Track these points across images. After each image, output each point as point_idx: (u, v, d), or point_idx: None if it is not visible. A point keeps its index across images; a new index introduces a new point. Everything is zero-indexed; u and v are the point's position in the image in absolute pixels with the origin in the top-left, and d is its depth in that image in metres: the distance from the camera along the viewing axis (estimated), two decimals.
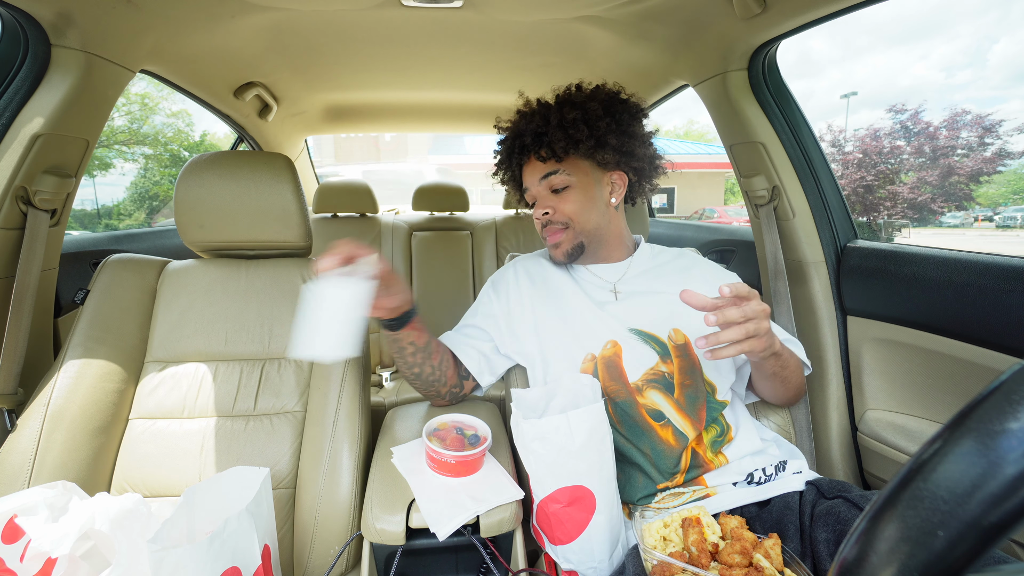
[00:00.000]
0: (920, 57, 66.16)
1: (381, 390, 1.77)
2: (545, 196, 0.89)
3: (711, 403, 0.79)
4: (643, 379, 0.80)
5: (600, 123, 0.85)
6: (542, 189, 0.89)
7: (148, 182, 9.02)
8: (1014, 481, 0.20)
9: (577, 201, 0.87)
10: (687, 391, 0.79)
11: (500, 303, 0.94)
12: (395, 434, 0.92)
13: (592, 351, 0.83)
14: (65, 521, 0.63)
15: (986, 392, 0.23)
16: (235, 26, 1.14)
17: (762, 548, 0.59)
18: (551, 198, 0.88)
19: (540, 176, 0.88)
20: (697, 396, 0.79)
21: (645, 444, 0.77)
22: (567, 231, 0.88)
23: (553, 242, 0.90)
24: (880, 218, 10.91)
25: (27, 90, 0.91)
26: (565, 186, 0.87)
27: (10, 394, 0.88)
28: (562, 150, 0.85)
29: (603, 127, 0.85)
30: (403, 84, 1.69)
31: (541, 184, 0.89)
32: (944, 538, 0.22)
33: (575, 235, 0.88)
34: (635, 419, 0.78)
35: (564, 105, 0.87)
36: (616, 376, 0.81)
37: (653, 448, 0.77)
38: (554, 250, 0.90)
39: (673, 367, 0.81)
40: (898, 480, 0.25)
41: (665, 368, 0.81)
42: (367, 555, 0.75)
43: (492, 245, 2.12)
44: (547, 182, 0.88)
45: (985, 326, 0.87)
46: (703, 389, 0.80)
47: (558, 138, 0.84)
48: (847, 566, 0.25)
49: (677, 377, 0.80)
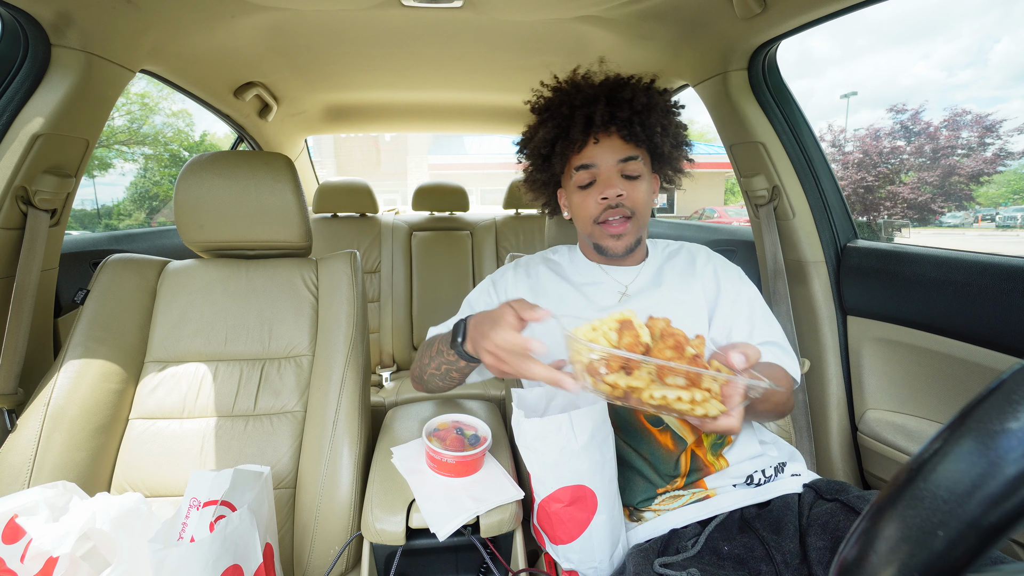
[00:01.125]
0: (922, 56, 66.18)
1: (381, 390, 1.78)
2: (617, 178, 0.81)
3: None
4: None
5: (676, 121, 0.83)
6: (615, 171, 0.81)
7: (148, 182, 9.02)
8: (1014, 481, 0.20)
9: (646, 193, 0.83)
10: None
11: (497, 302, 0.93)
12: (395, 434, 0.92)
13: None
14: (65, 521, 0.63)
15: (986, 392, 0.23)
16: (235, 26, 1.14)
17: (691, 344, 0.55)
18: (624, 183, 0.81)
19: (620, 157, 0.80)
20: None
21: (644, 448, 0.77)
22: (632, 222, 0.82)
23: (615, 232, 0.82)
24: (880, 218, 10.91)
25: (27, 90, 0.91)
26: (638, 175, 0.81)
27: (10, 394, 0.88)
28: (648, 137, 0.79)
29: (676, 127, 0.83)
30: (403, 84, 1.69)
31: (617, 165, 0.81)
32: (944, 538, 0.22)
33: (638, 228, 0.83)
34: (633, 424, 0.78)
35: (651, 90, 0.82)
36: None
37: (652, 452, 0.77)
38: (615, 241, 0.82)
39: None
40: (898, 480, 0.25)
41: None
42: (367, 555, 0.75)
43: (492, 245, 2.12)
44: (624, 166, 0.80)
45: (985, 326, 0.87)
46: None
47: (653, 123, 0.79)
48: (847, 566, 0.25)
49: None
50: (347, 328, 0.95)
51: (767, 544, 0.67)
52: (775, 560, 0.65)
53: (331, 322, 0.96)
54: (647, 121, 0.79)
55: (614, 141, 0.81)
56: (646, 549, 0.66)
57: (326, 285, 0.99)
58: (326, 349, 0.94)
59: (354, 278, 0.99)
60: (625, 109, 0.79)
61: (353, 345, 0.94)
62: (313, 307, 0.99)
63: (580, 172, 0.83)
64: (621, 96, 0.80)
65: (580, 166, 0.82)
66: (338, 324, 0.95)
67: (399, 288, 2.04)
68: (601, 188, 0.81)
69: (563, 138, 0.82)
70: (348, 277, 0.99)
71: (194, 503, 0.65)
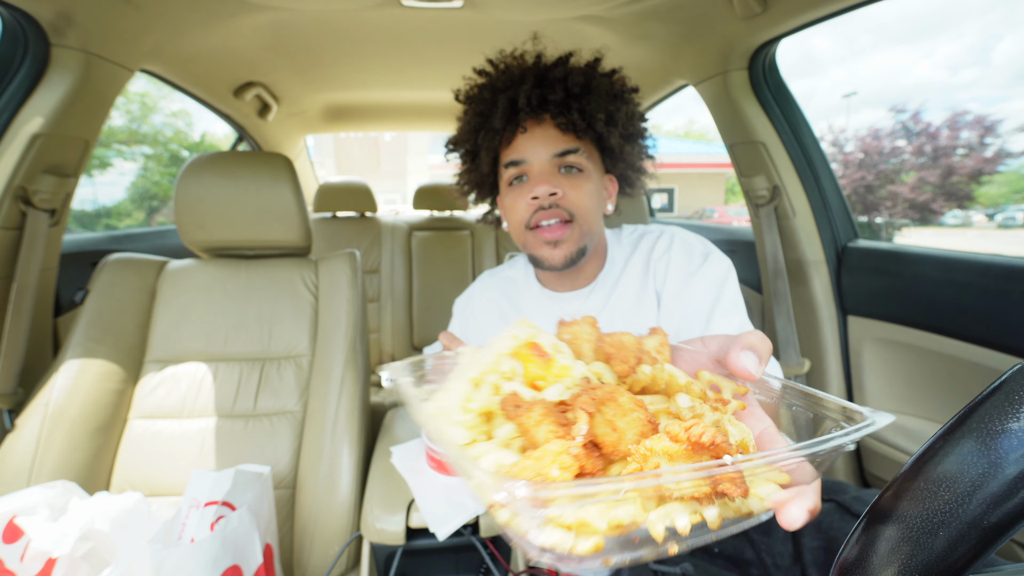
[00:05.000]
0: (924, 55, 66.16)
1: (381, 390, 1.77)
2: (552, 174, 0.67)
3: None
4: None
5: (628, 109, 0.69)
6: (549, 165, 0.68)
7: (148, 182, 9.02)
8: (1015, 481, 0.20)
9: (590, 193, 0.68)
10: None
11: (462, 327, 0.88)
12: (395, 434, 0.92)
13: None
14: (65, 521, 0.62)
15: (986, 392, 0.23)
16: (235, 26, 1.14)
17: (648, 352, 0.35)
18: (559, 179, 0.67)
19: (555, 150, 0.67)
20: None
21: None
22: (572, 226, 0.68)
23: (552, 238, 0.67)
24: (880, 218, 10.91)
25: (27, 90, 0.91)
26: (580, 169, 0.68)
27: (10, 394, 0.88)
28: (587, 126, 0.66)
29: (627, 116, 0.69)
30: (403, 84, 1.69)
31: (552, 159, 0.67)
32: (945, 538, 0.22)
33: (581, 235, 0.69)
34: None
35: (593, 71, 0.68)
36: None
37: None
38: (551, 250, 0.68)
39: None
40: (898, 480, 0.24)
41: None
42: (367, 555, 0.75)
43: (492, 245, 2.12)
44: (561, 160, 0.68)
45: (985, 326, 0.87)
46: None
47: (595, 109, 0.65)
48: (847, 566, 0.25)
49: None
50: (347, 328, 0.95)
51: (756, 546, 0.67)
52: (765, 562, 0.65)
53: (331, 322, 0.96)
54: (586, 107, 0.65)
55: (547, 130, 0.68)
56: None
57: (326, 285, 0.99)
58: (326, 349, 0.94)
59: (354, 278, 0.99)
60: (558, 91, 0.65)
61: (353, 345, 0.94)
62: (313, 307, 0.99)
63: (509, 168, 0.70)
64: (553, 76, 0.66)
65: (509, 162, 0.70)
66: (338, 324, 0.95)
67: (399, 288, 2.04)
68: (531, 186, 0.67)
69: (486, 128, 0.69)
70: (348, 277, 0.99)
71: (194, 503, 0.65)
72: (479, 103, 0.71)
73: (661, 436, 0.25)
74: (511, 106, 0.67)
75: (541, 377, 0.32)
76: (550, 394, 0.30)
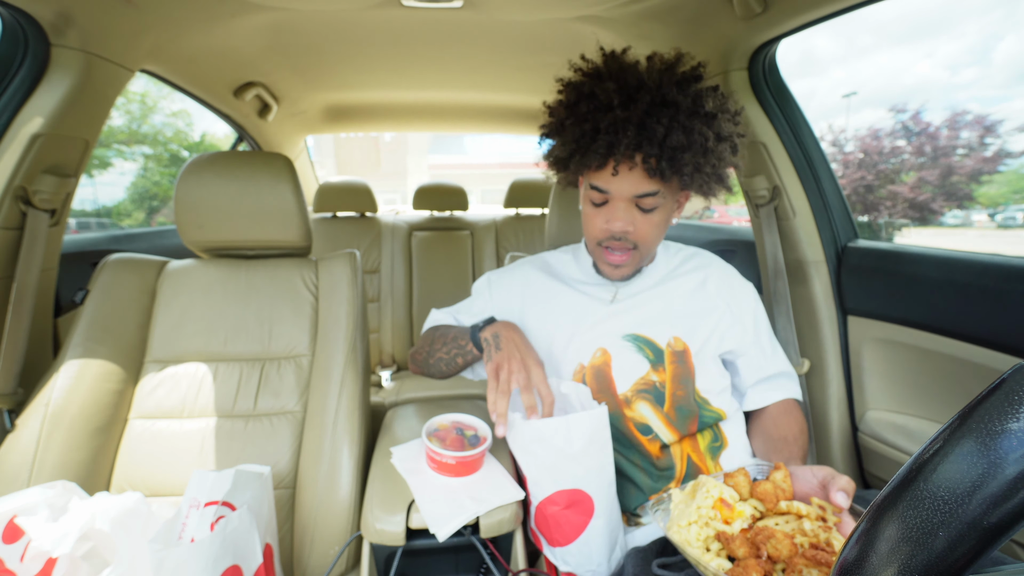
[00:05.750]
0: (924, 55, 66.13)
1: (381, 390, 1.78)
2: (628, 210, 0.74)
3: (703, 416, 0.78)
4: (633, 390, 0.79)
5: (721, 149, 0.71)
6: (628, 203, 0.73)
7: (148, 182, 9.02)
8: (1015, 481, 0.20)
9: (659, 225, 0.76)
10: (678, 403, 0.77)
11: (492, 305, 0.92)
12: (395, 434, 0.92)
13: (581, 361, 0.81)
14: (65, 521, 0.62)
15: (986, 392, 0.23)
16: (235, 26, 1.14)
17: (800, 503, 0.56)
18: (635, 215, 0.74)
19: (638, 191, 0.71)
20: (688, 409, 0.77)
21: (635, 456, 0.77)
22: (634, 253, 0.77)
23: (615, 262, 0.78)
24: (880, 218, 10.90)
25: (27, 90, 0.91)
26: (654, 208, 0.74)
27: (10, 394, 0.88)
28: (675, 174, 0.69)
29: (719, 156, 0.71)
30: (403, 84, 1.69)
31: (633, 199, 0.73)
32: (945, 538, 0.22)
33: (640, 259, 0.79)
34: (623, 432, 0.78)
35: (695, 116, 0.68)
36: (605, 387, 0.79)
37: (643, 459, 0.77)
38: (612, 269, 0.80)
39: (666, 375, 0.79)
40: (898, 480, 0.25)
41: (656, 377, 0.78)
42: (367, 555, 0.75)
43: (492, 245, 2.12)
44: (641, 200, 0.73)
45: (985, 326, 0.87)
46: (694, 401, 0.78)
47: (687, 163, 0.68)
48: (848, 566, 0.25)
49: (669, 387, 0.78)
50: (347, 328, 0.95)
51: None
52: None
53: (331, 322, 0.96)
54: (678, 162, 0.68)
55: (636, 173, 0.71)
56: (645, 550, 0.66)
57: (326, 285, 0.99)
58: (326, 349, 0.94)
59: (354, 278, 0.99)
60: (655, 142, 0.67)
61: (353, 345, 0.94)
62: (313, 307, 0.99)
63: (592, 191, 0.76)
64: (656, 123, 0.66)
65: (593, 186, 0.75)
66: (338, 324, 0.95)
67: (399, 288, 2.04)
68: (608, 216, 0.74)
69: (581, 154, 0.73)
70: (348, 277, 0.99)
71: (194, 503, 0.65)
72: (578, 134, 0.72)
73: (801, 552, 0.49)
74: (609, 148, 0.69)
75: (730, 517, 0.55)
76: (736, 527, 0.55)
